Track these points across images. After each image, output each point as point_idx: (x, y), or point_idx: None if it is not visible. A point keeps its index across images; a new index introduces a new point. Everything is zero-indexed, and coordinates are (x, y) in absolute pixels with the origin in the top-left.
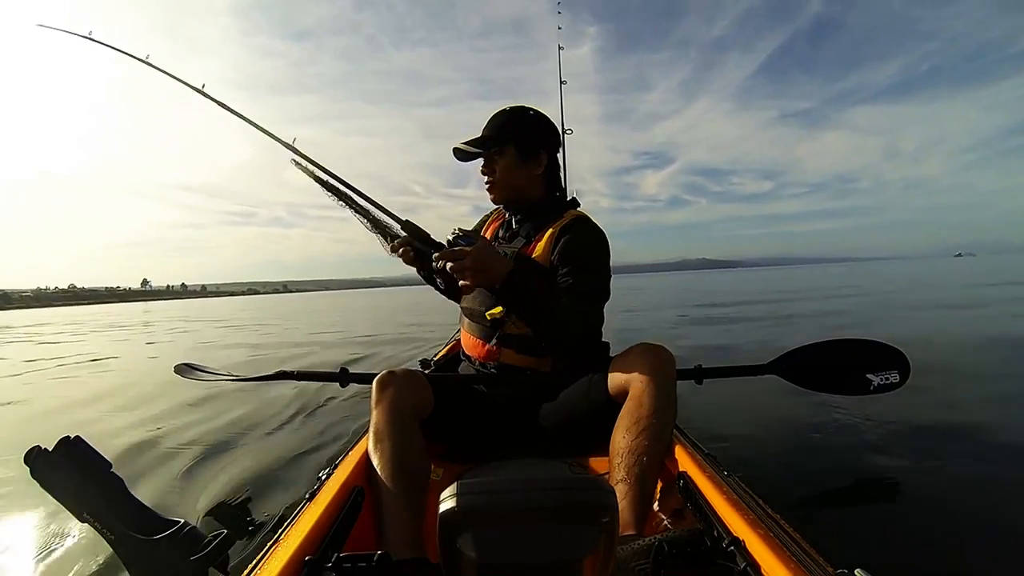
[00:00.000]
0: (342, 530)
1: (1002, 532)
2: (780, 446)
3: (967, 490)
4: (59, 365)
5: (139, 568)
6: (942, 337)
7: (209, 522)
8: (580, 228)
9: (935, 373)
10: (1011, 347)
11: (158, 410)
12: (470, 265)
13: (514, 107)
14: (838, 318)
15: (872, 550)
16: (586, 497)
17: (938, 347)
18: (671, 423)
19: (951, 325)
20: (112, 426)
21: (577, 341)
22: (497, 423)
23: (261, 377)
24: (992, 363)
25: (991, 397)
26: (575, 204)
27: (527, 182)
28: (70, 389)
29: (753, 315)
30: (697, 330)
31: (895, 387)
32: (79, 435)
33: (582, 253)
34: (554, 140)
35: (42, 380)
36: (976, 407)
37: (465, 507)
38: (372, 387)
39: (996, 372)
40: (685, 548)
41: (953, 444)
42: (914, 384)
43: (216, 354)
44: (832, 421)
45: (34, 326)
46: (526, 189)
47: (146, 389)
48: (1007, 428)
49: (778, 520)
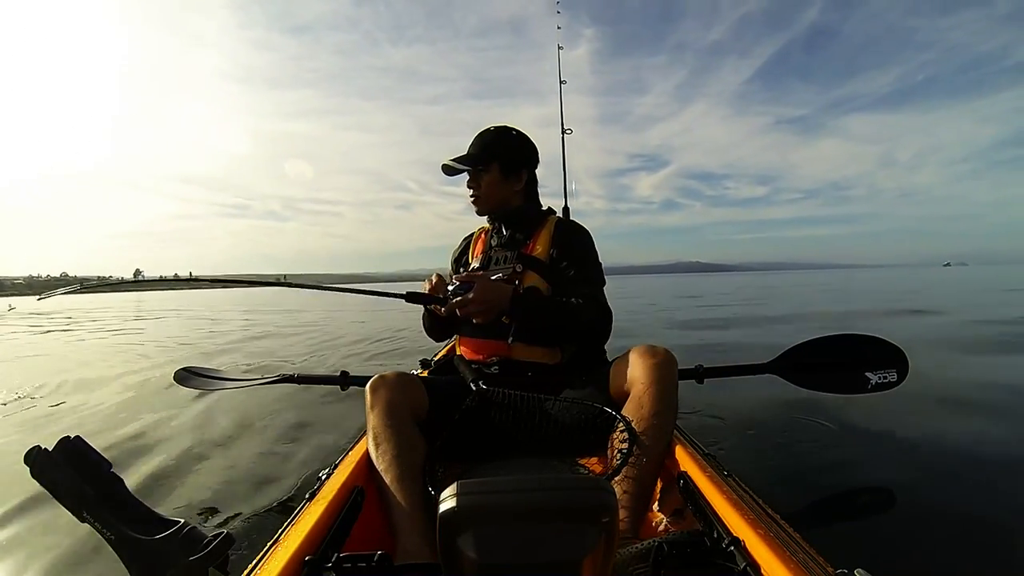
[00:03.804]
0: (342, 530)
1: (1002, 532)
2: (780, 446)
3: (967, 490)
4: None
5: (139, 568)
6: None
7: (209, 522)
8: (569, 225)
9: (932, 375)
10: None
11: (158, 410)
12: (477, 309)
13: (499, 127)
14: (811, 322)
15: (872, 550)
16: (586, 497)
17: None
18: (671, 424)
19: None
20: (112, 426)
21: (608, 325)
22: (497, 423)
23: (262, 381)
24: (985, 366)
25: (991, 396)
26: (552, 212)
27: (509, 196)
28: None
29: (745, 315)
30: (694, 329)
31: (893, 386)
32: (79, 435)
33: (578, 245)
34: (534, 159)
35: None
36: (976, 406)
37: (465, 507)
38: (365, 391)
39: (993, 371)
40: (685, 549)
41: (953, 444)
42: (913, 383)
43: (216, 356)
44: (832, 421)
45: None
46: (509, 202)
47: (146, 389)
48: (1007, 427)
49: (778, 520)
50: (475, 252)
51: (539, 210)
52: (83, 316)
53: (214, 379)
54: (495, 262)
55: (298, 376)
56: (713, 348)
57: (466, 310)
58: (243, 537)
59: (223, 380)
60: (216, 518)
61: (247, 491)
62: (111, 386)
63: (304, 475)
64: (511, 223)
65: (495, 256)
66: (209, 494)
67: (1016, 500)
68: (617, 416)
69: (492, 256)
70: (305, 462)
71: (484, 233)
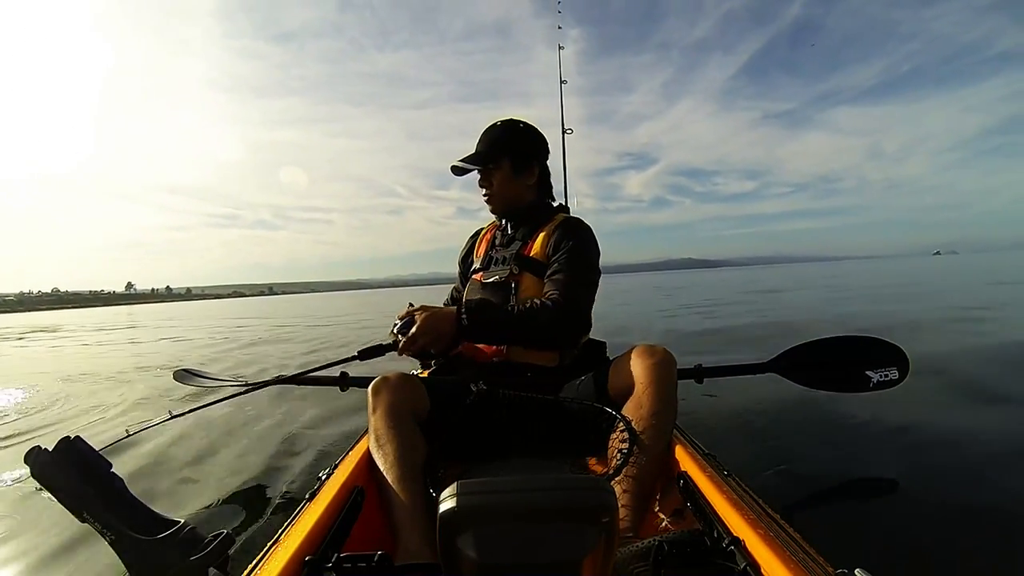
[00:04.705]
0: (342, 530)
1: (1002, 531)
2: (780, 446)
3: (968, 489)
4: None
5: (139, 568)
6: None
7: (209, 522)
8: (570, 226)
9: (933, 373)
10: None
11: (158, 411)
12: (422, 343)
13: (505, 121)
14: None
15: (872, 550)
16: (586, 497)
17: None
18: (671, 424)
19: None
20: (112, 426)
21: (572, 326)
22: (497, 423)
23: (261, 383)
24: (982, 362)
25: (990, 396)
26: (564, 208)
27: (522, 191)
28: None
29: (740, 312)
30: (692, 328)
31: (894, 384)
32: (79, 435)
33: (572, 246)
34: (544, 150)
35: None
36: (974, 406)
37: (465, 507)
38: (367, 393)
39: (987, 371)
40: (685, 548)
41: (953, 443)
42: (914, 382)
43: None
44: (832, 420)
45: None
46: (523, 198)
47: (146, 390)
48: (1007, 427)
49: (778, 520)
50: (478, 252)
51: (549, 207)
52: (78, 328)
53: (213, 379)
54: (495, 263)
55: (297, 377)
56: (710, 348)
57: (415, 347)
58: (243, 537)
59: (222, 381)
60: (216, 518)
61: (247, 491)
62: (111, 387)
63: (304, 475)
64: (519, 221)
65: (495, 256)
66: (209, 494)
67: (1017, 499)
68: (617, 416)
69: (492, 256)
70: (305, 462)
71: (490, 231)
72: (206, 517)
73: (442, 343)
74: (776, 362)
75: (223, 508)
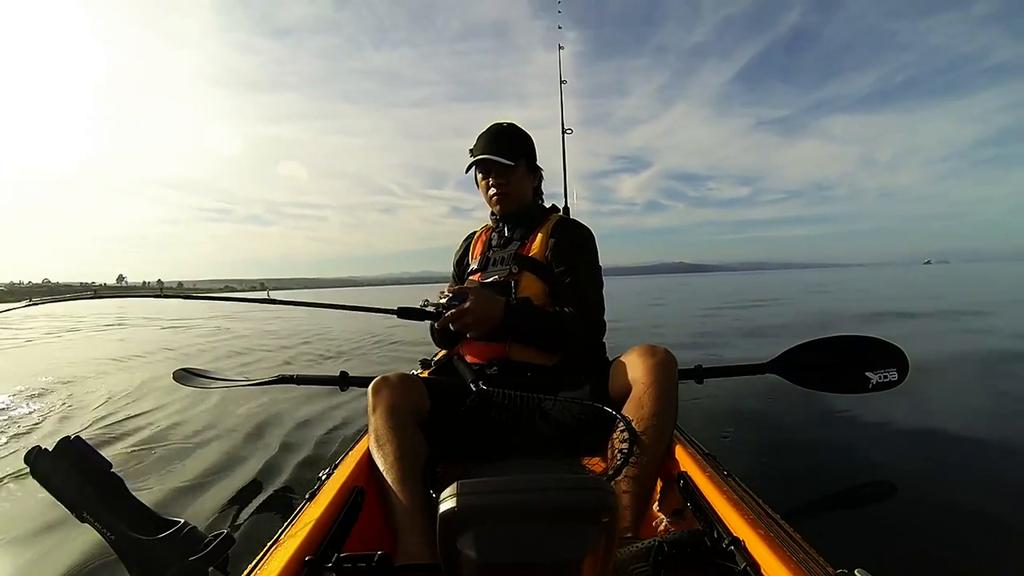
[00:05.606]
0: (342, 530)
1: (1002, 531)
2: (780, 446)
3: (967, 489)
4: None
5: (139, 568)
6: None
7: (209, 522)
8: (569, 227)
9: (931, 374)
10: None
11: (158, 411)
12: (472, 320)
13: (509, 124)
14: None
15: (872, 550)
16: (586, 497)
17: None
18: (672, 424)
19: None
20: (112, 426)
21: (595, 335)
22: (497, 423)
23: (262, 382)
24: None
25: (988, 396)
26: (556, 209)
27: (529, 193)
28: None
29: (736, 316)
30: (690, 328)
31: (894, 385)
32: (79, 435)
33: (575, 249)
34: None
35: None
36: (974, 406)
37: (465, 507)
38: (368, 393)
39: (986, 371)
40: (685, 548)
41: (952, 443)
42: (914, 383)
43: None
44: (832, 421)
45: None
46: (527, 199)
47: (146, 390)
48: (1007, 427)
49: (778, 520)
50: (474, 253)
51: (543, 208)
52: (74, 322)
53: (213, 379)
54: (493, 263)
55: (297, 377)
56: (711, 347)
57: (460, 323)
58: (243, 537)
59: (222, 380)
60: (216, 518)
61: (247, 491)
62: (111, 387)
63: (304, 475)
64: (517, 222)
65: (493, 257)
66: (209, 494)
67: (1016, 499)
68: (617, 416)
69: (490, 257)
70: (305, 462)
71: (485, 232)
72: (206, 517)
73: (482, 327)
74: (776, 363)
75: (223, 508)
